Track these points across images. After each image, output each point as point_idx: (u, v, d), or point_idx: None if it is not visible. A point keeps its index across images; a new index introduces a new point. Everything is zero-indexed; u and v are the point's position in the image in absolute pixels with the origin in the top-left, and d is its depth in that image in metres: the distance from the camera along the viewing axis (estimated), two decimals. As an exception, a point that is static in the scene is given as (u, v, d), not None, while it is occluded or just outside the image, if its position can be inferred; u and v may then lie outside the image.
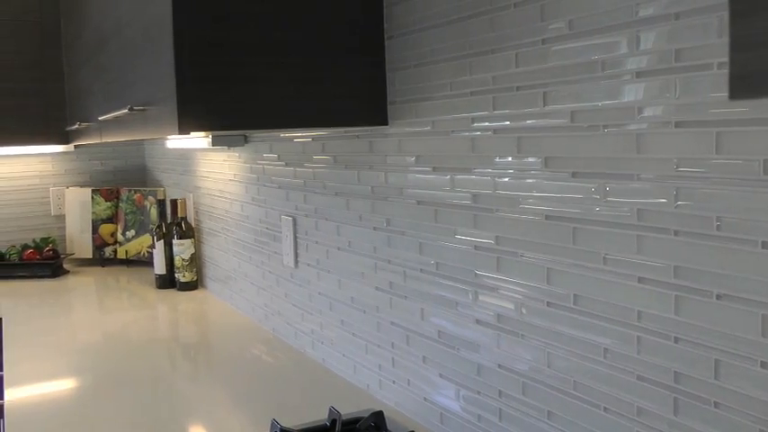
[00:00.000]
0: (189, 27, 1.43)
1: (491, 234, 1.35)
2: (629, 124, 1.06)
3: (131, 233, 3.74)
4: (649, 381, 1.07)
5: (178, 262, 3.08)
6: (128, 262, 3.77)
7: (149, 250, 3.62)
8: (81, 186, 3.90)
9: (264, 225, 2.41)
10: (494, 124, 1.32)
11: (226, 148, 2.67)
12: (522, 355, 1.31)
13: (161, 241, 3.14)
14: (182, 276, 3.10)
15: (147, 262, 3.68)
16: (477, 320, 1.42)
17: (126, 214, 3.77)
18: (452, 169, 1.44)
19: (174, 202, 3.07)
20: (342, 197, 1.86)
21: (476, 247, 1.39)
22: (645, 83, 1.03)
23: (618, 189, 1.09)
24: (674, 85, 0.99)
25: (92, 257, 3.82)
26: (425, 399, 1.61)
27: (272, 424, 1.52)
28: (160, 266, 3.17)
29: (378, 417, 1.54)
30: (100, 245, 3.81)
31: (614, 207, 1.10)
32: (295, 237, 2.17)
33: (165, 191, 3.64)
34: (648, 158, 1.04)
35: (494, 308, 1.37)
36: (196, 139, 2.73)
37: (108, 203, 3.82)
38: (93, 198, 3.82)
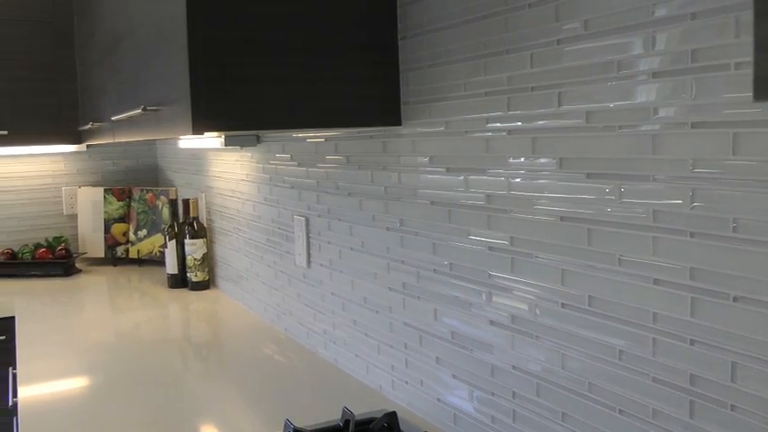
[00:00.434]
0: (203, 27, 1.43)
1: (505, 235, 1.35)
2: (644, 125, 1.05)
3: (143, 233, 3.75)
4: (665, 383, 1.06)
5: (190, 261, 3.08)
6: (140, 261, 3.78)
7: (161, 250, 3.63)
8: (93, 186, 3.91)
9: (277, 225, 2.41)
10: (508, 125, 1.31)
11: (238, 148, 2.67)
12: (536, 356, 1.30)
13: (173, 241, 3.15)
14: (194, 276, 3.10)
15: (158, 261, 3.69)
16: (490, 321, 1.41)
17: (138, 214, 3.78)
18: (466, 170, 1.43)
19: (187, 201, 3.07)
20: (355, 197, 1.86)
21: (490, 248, 1.39)
22: (661, 83, 1.02)
23: (633, 190, 1.08)
24: (690, 86, 0.98)
25: (104, 257, 3.83)
26: (438, 399, 1.60)
27: (286, 424, 1.52)
28: (172, 266, 3.18)
29: (391, 417, 1.53)
30: (112, 244, 3.83)
31: (629, 208, 1.09)
32: (308, 237, 2.17)
33: (176, 190, 3.65)
34: (664, 159, 1.03)
35: (508, 309, 1.36)
36: (208, 140, 2.74)
37: (120, 203, 3.83)
38: (105, 197, 3.83)
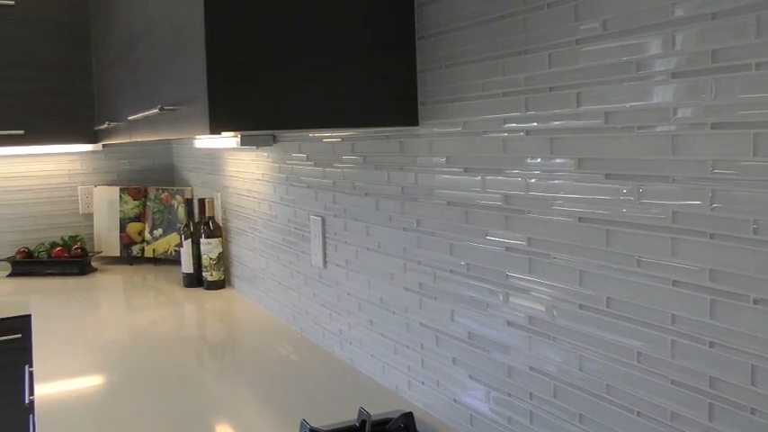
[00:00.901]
0: (221, 27, 1.44)
1: (523, 235, 1.34)
2: (663, 125, 1.05)
3: (159, 232, 3.77)
4: (684, 385, 1.06)
5: (205, 261, 3.09)
6: (155, 260, 3.79)
7: (177, 249, 3.64)
8: (109, 185, 3.92)
9: (293, 225, 2.41)
10: (526, 125, 1.31)
11: (254, 147, 2.68)
12: (554, 357, 1.30)
13: (188, 240, 3.16)
14: (209, 275, 3.11)
15: (174, 260, 3.70)
16: (507, 322, 1.41)
17: (153, 213, 3.79)
18: (483, 170, 1.43)
19: (202, 201, 3.08)
20: (371, 197, 1.86)
21: (507, 249, 1.39)
22: (680, 84, 1.02)
23: (652, 191, 1.08)
24: (710, 86, 0.98)
25: (119, 256, 3.85)
26: (455, 400, 1.60)
27: (302, 424, 1.52)
28: (187, 265, 3.18)
29: (407, 418, 1.53)
30: (127, 243, 3.84)
31: (648, 209, 1.09)
32: (324, 237, 2.17)
33: (192, 190, 3.66)
34: (683, 160, 1.03)
35: (525, 310, 1.36)
36: (224, 139, 2.74)
37: (136, 202, 3.85)
38: (120, 197, 3.85)
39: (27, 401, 2.38)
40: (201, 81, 1.46)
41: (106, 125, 2.86)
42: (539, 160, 1.29)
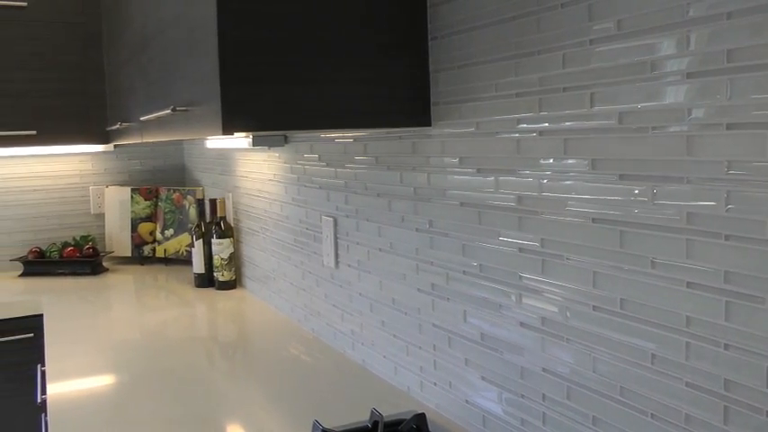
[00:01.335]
0: (233, 28, 1.44)
1: (536, 236, 1.34)
2: (678, 126, 1.04)
3: (170, 232, 3.77)
4: (698, 388, 1.05)
5: (217, 261, 3.10)
6: (166, 260, 3.80)
7: (188, 249, 3.65)
8: (120, 185, 3.94)
9: (304, 225, 2.41)
10: (539, 125, 1.31)
11: (266, 148, 2.68)
12: (567, 358, 1.30)
13: (200, 240, 3.16)
14: (220, 275, 3.11)
15: (185, 261, 3.71)
16: (520, 323, 1.41)
17: (165, 213, 3.80)
18: (497, 171, 1.43)
19: (214, 201, 3.09)
20: (384, 198, 1.86)
21: (520, 250, 1.38)
22: (695, 84, 1.01)
23: (667, 192, 1.07)
24: (725, 87, 0.97)
25: (131, 256, 3.86)
26: (467, 401, 1.60)
27: (314, 425, 1.52)
28: (199, 265, 3.19)
29: (420, 419, 1.53)
30: (139, 243, 3.85)
31: (662, 210, 1.08)
32: (335, 237, 2.17)
33: (203, 190, 3.66)
34: (698, 161, 1.02)
35: (538, 311, 1.36)
36: (236, 140, 2.74)
37: (147, 202, 3.86)
38: (132, 197, 3.86)
39: (39, 400, 2.39)
40: (214, 82, 1.46)
41: (118, 126, 2.87)
42: (552, 161, 1.28)
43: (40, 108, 3.41)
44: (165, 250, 3.79)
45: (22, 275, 3.61)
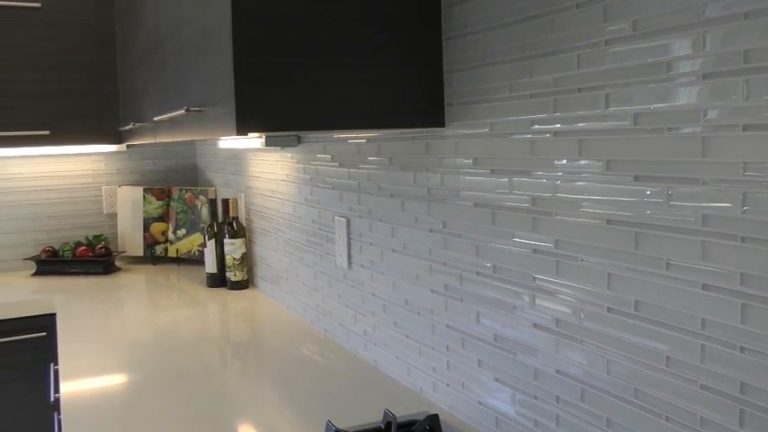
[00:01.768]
0: (247, 28, 1.44)
1: (550, 237, 1.34)
2: (693, 127, 1.04)
3: (182, 232, 3.78)
4: (714, 390, 1.05)
5: (229, 261, 3.10)
6: (178, 260, 3.81)
7: (200, 249, 3.66)
8: (133, 185, 3.95)
9: (317, 226, 2.41)
10: (554, 126, 1.30)
11: (278, 148, 2.68)
12: (581, 360, 1.29)
13: (212, 240, 3.17)
14: (232, 275, 3.12)
15: (197, 260, 3.71)
16: (534, 324, 1.40)
17: (177, 213, 3.81)
18: (511, 172, 1.43)
19: (226, 201, 3.09)
20: (397, 199, 1.86)
21: (534, 251, 1.38)
22: (711, 84, 1.01)
23: (682, 193, 1.07)
24: (741, 87, 0.97)
25: (143, 255, 3.87)
26: (480, 402, 1.60)
27: (327, 425, 1.52)
28: (211, 265, 3.20)
29: (433, 420, 1.53)
30: (151, 243, 3.86)
31: (678, 211, 1.08)
32: (348, 238, 2.17)
33: (216, 190, 3.67)
34: (714, 162, 1.02)
35: (552, 312, 1.35)
36: (249, 140, 2.75)
37: (159, 202, 3.86)
38: (144, 197, 3.87)
39: (52, 399, 2.40)
40: (228, 82, 1.46)
41: (131, 126, 2.88)
42: (566, 162, 1.28)
43: (53, 108, 3.42)
44: (177, 250, 3.80)
45: (34, 275, 3.63)
